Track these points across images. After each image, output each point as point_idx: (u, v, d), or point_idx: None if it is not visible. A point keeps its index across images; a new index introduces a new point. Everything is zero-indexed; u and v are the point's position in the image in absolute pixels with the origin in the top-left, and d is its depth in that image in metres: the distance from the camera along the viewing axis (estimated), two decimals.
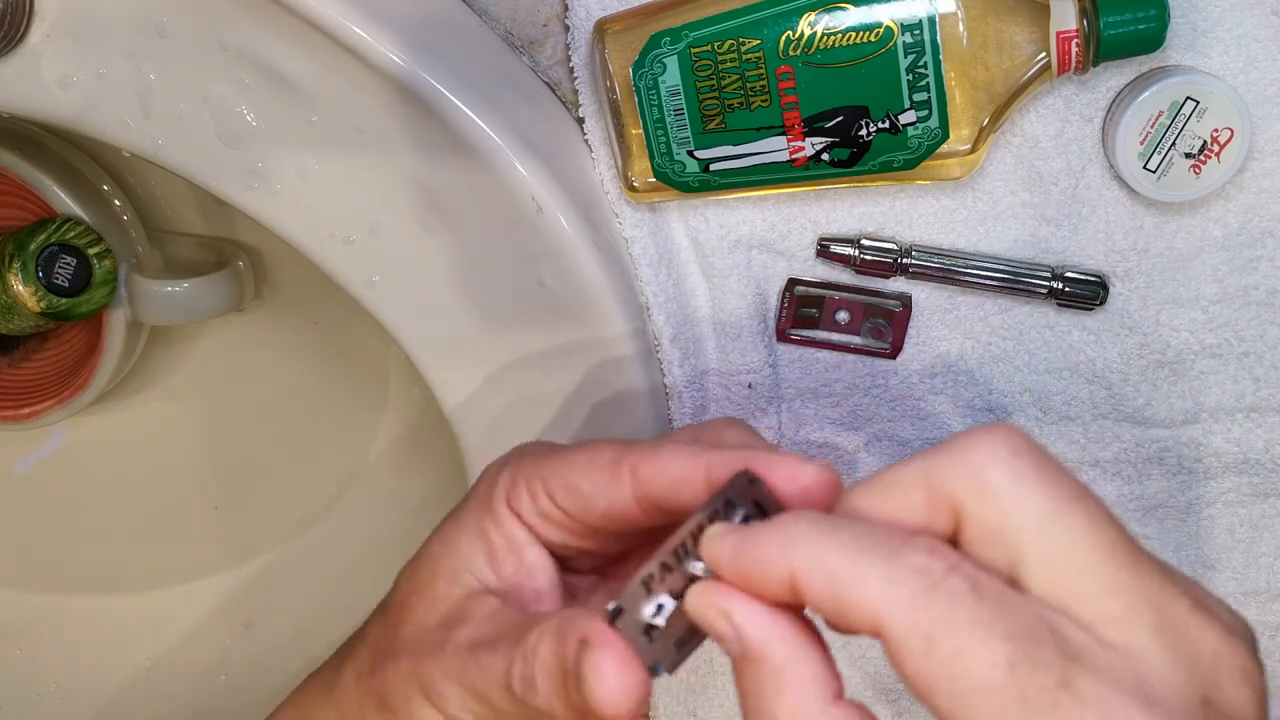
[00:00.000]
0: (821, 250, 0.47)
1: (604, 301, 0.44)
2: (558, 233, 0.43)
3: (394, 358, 0.63)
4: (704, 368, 0.48)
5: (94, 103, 0.43)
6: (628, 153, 0.44)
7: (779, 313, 0.48)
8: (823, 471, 0.31)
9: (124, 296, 0.56)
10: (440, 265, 0.45)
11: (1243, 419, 0.48)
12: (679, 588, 0.31)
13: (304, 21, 0.40)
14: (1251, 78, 0.43)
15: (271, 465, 0.66)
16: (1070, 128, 0.44)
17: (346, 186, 0.44)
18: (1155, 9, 0.40)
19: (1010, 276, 0.46)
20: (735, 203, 0.46)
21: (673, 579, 0.31)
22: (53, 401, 0.60)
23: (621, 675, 0.30)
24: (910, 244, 0.46)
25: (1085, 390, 0.48)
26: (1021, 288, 0.46)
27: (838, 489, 0.31)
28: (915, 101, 0.41)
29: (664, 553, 0.31)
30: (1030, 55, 0.41)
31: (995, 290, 0.46)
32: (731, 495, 0.31)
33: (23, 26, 0.42)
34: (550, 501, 0.35)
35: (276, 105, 0.42)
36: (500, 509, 0.36)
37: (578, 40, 0.44)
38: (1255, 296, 0.46)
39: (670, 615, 0.31)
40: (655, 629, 0.31)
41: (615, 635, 0.31)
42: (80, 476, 0.67)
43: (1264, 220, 0.45)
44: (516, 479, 0.36)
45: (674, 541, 0.31)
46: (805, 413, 0.49)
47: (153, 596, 0.67)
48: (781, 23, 0.41)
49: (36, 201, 0.55)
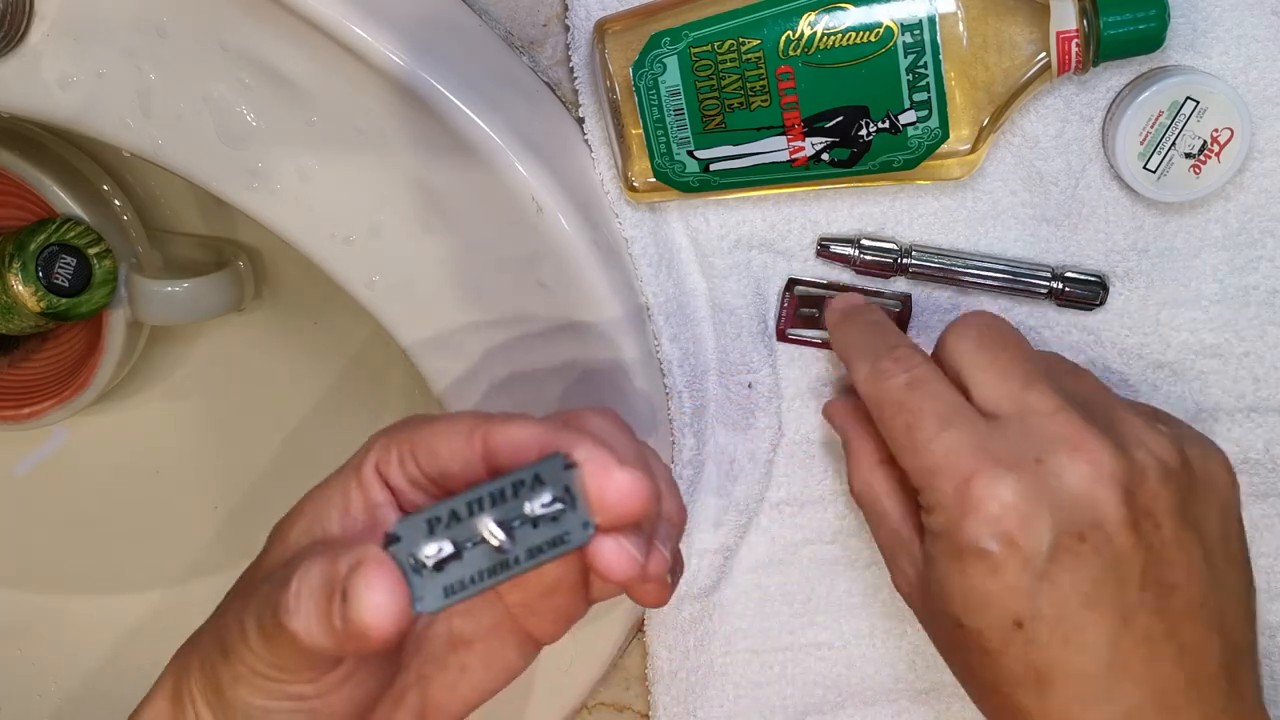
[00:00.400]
0: (821, 250, 0.47)
1: (604, 302, 0.44)
2: (558, 233, 0.43)
3: (394, 358, 0.63)
4: (704, 368, 0.48)
5: (94, 103, 0.43)
6: (628, 153, 0.44)
7: (779, 312, 0.48)
8: (633, 482, 0.32)
9: (124, 296, 0.56)
10: (440, 265, 0.45)
11: (1243, 419, 0.48)
12: (462, 539, 0.32)
13: (304, 21, 0.40)
14: (1251, 78, 0.43)
15: (271, 465, 0.66)
16: (1070, 128, 0.44)
17: (346, 186, 0.44)
18: (1155, 9, 0.40)
19: (1010, 277, 0.46)
20: (735, 203, 0.46)
21: (459, 529, 0.32)
22: (53, 401, 0.60)
23: (388, 595, 0.31)
24: (910, 244, 0.46)
25: None
26: (1021, 288, 0.46)
27: (645, 504, 0.32)
28: (915, 101, 0.41)
29: (458, 501, 0.32)
30: (1030, 55, 0.41)
31: (995, 290, 0.46)
32: (542, 472, 0.32)
33: (23, 26, 0.42)
34: (415, 465, 0.37)
35: (276, 105, 0.42)
36: (367, 470, 0.37)
37: (578, 40, 0.44)
38: (1255, 296, 0.46)
39: (444, 559, 0.32)
40: (425, 567, 0.32)
41: (389, 559, 0.31)
42: (80, 476, 0.67)
43: (1264, 220, 0.45)
44: (389, 445, 0.37)
45: (470, 495, 0.32)
46: (805, 413, 0.49)
47: (153, 596, 0.67)
48: (781, 23, 0.41)
49: (36, 201, 0.55)
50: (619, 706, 0.56)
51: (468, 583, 0.32)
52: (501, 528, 0.32)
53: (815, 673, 0.53)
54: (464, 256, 0.44)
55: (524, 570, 0.32)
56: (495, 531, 0.32)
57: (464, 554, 0.32)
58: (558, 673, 0.53)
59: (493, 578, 0.32)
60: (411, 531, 0.32)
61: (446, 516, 0.32)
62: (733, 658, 0.52)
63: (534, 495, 0.32)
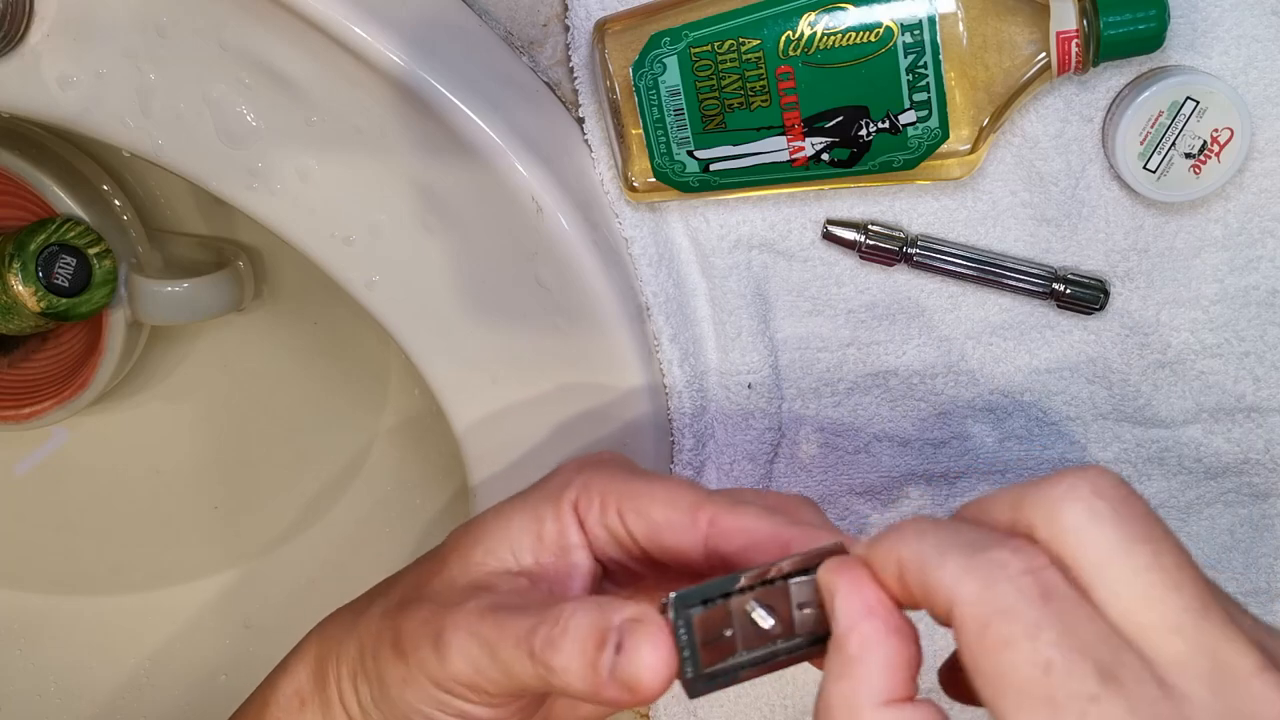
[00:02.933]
0: (827, 234, 0.46)
1: (603, 301, 0.44)
2: (557, 232, 0.43)
3: (394, 358, 0.63)
4: (704, 368, 0.48)
5: (94, 103, 0.43)
6: (628, 153, 0.44)
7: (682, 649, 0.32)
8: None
9: (124, 296, 0.56)
10: (440, 265, 0.45)
11: (1243, 419, 0.48)
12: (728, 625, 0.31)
13: (304, 21, 0.40)
14: (1251, 78, 0.43)
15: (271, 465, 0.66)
16: (1070, 128, 0.44)
17: (346, 186, 0.44)
18: (1155, 9, 0.40)
19: (1013, 274, 0.46)
20: (735, 203, 0.46)
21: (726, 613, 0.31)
22: (53, 401, 0.60)
23: (664, 659, 0.31)
24: (917, 235, 0.46)
25: (1085, 390, 0.48)
26: (1024, 286, 0.46)
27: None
28: (915, 101, 0.41)
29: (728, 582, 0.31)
30: (1030, 55, 0.41)
31: (997, 287, 0.46)
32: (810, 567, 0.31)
33: (23, 26, 0.42)
34: (619, 520, 0.36)
35: (276, 105, 0.42)
36: (564, 506, 0.37)
37: (578, 40, 0.44)
38: (1255, 296, 0.46)
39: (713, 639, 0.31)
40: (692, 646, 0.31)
41: (668, 627, 0.31)
42: (80, 476, 0.67)
43: (1264, 220, 0.45)
44: (590, 486, 0.37)
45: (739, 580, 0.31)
46: (805, 413, 0.49)
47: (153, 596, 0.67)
48: (781, 23, 0.41)
49: (36, 201, 0.55)
50: None
51: (731, 671, 0.32)
52: (769, 615, 0.32)
53: (815, 673, 0.53)
54: (464, 256, 0.44)
55: (783, 665, 0.32)
56: (763, 622, 0.32)
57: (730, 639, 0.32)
58: None
59: (753, 669, 0.32)
60: (684, 605, 0.31)
61: (718, 597, 0.31)
62: None
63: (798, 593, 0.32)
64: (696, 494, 0.35)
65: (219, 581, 0.67)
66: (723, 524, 0.35)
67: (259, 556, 0.66)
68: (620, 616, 0.32)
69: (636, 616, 0.32)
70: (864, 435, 0.50)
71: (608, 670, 0.31)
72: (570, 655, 0.32)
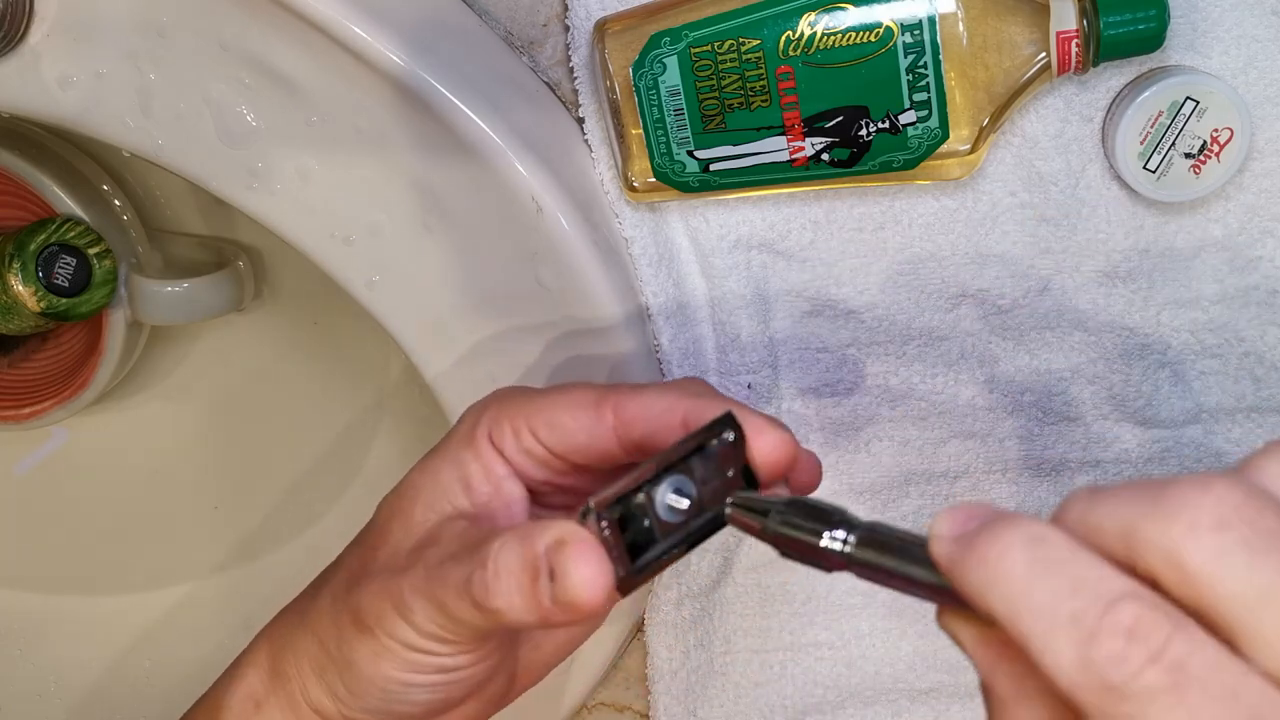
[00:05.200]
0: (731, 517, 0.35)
1: (603, 302, 0.44)
2: (557, 232, 0.43)
3: (394, 358, 0.63)
4: (704, 368, 0.48)
5: (94, 103, 0.43)
6: (628, 153, 0.44)
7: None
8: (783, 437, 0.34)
9: (124, 296, 0.56)
10: (440, 265, 0.45)
11: (1243, 419, 0.48)
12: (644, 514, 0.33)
13: (304, 21, 0.40)
14: (1251, 78, 0.43)
15: (271, 465, 0.66)
16: (1070, 128, 0.44)
17: (346, 186, 0.44)
18: (1155, 9, 0.40)
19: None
20: (735, 203, 0.46)
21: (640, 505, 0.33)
22: (53, 401, 0.60)
23: (597, 570, 0.31)
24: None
25: (1086, 391, 0.48)
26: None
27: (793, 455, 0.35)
28: (915, 101, 0.41)
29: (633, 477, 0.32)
30: (1030, 55, 0.41)
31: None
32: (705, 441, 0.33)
33: (23, 26, 0.42)
34: (533, 438, 0.37)
35: (276, 105, 0.42)
36: (481, 443, 0.38)
37: (578, 40, 0.44)
38: (1255, 296, 0.46)
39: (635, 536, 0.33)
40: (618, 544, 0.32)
41: (592, 536, 0.32)
42: (80, 476, 0.67)
43: (1264, 220, 0.45)
44: (500, 416, 0.38)
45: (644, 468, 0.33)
46: (805, 413, 0.49)
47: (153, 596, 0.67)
48: (781, 23, 0.41)
49: (36, 201, 0.55)
50: (619, 706, 0.56)
51: (658, 556, 0.33)
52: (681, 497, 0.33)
53: (815, 673, 0.53)
54: (464, 256, 0.44)
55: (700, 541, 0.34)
56: (678, 504, 0.33)
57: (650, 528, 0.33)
58: (558, 672, 0.52)
59: (676, 550, 0.33)
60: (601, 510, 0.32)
61: (629, 493, 0.32)
62: (733, 657, 0.52)
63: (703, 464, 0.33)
64: (597, 391, 0.37)
65: (219, 581, 0.67)
66: (626, 411, 0.36)
67: (259, 556, 0.66)
68: (544, 542, 0.32)
69: (560, 537, 0.32)
70: (864, 435, 0.50)
71: (548, 599, 0.32)
72: (509, 595, 0.33)
